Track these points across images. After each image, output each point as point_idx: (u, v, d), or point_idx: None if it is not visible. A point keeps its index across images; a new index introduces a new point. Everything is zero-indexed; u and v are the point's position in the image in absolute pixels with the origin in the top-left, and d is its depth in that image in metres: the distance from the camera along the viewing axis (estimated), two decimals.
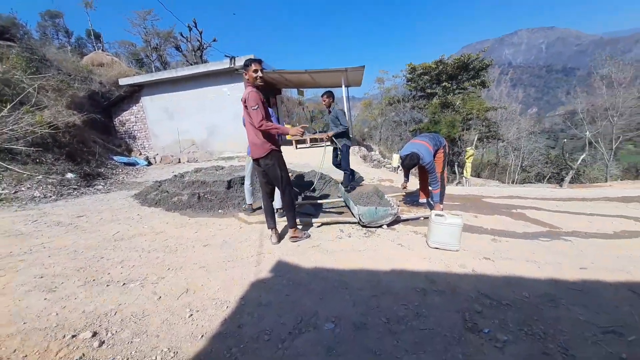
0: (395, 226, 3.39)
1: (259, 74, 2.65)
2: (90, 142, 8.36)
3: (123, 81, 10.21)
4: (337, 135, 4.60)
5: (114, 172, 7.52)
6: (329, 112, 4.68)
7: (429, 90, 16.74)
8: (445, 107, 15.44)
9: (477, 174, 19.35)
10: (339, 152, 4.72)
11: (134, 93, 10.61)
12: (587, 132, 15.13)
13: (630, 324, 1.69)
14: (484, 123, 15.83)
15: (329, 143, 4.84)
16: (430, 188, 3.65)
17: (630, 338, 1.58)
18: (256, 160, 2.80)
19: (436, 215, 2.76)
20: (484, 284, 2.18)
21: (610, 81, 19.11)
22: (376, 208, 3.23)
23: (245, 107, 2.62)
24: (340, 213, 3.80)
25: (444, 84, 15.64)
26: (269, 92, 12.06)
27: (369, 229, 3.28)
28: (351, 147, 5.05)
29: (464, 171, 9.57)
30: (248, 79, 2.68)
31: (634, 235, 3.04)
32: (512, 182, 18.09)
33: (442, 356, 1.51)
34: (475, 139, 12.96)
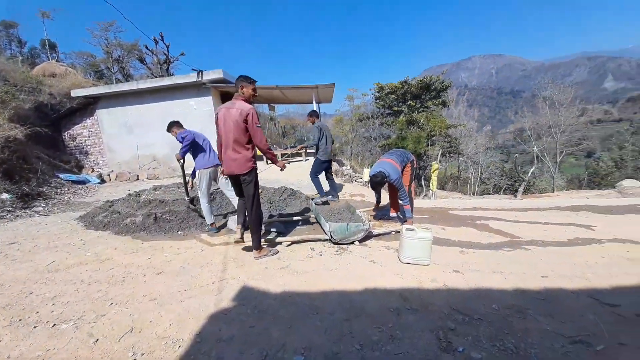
0: (367, 242, 3.32)
1: (256, 93, 2.80)
2: (32, 158, 7.48)
3: (76, 92, 9.42)
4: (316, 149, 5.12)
5: (59, 191, 6.73)
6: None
7: (395, 108, 17.58)
8: (411, 124, 16.25)
9: (441, 186, 20.33)
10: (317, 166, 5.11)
11: (89, 105, 9.80)
12: (535, 147, 16.69)
13: (596, 333, 1.72)
14: (446, 139, 16.87)
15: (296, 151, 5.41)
16: (400, 202, 3.68)
17: (599, 347, 1.60)
18: (235, 176, 2.76)
19: (407, 229, 2.74)
20: (455, 298, 2.15)
21: (552, 102, 21.52)
22: (347, 224, 3.15)
23: (245, 122, 2.59)
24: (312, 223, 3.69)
25: (409, 102, 16.55)
26: None
27: (341, 246, 3.17)
28: (325, 162, 5.20)
29: (430, 184, 9.96)
30: (244, 94, 2.71)
31: (587, 243, 3.25)
32: (473, 194, 19.23)
33: None
34: (439, 154, 13.68)
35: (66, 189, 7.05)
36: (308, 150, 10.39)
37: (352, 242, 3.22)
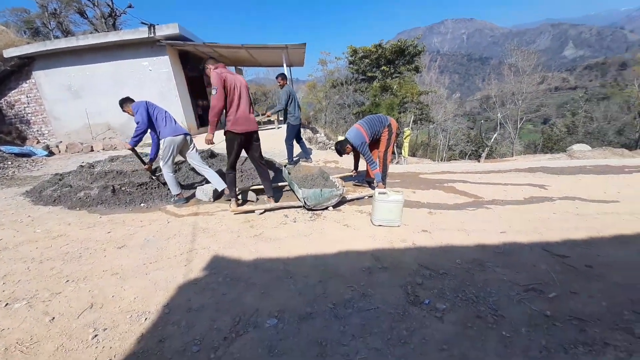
0: (341, 207, 3.34)
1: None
2: None
3: (8, 52, 8.02)
4: (284, 114, 5.12)
5: (1, 165, 5.97)
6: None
7: (369, 74, 17.20)
8: (384, 90, 16.08)
9: (412, 153, 21.00)
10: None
11: (24, 67, 8.45)
12: (499, 114, 17.48)
13: (548, 282, 1.89)
14: (417, 106, 17.03)
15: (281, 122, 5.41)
16: (369, 168, 3.71)
17: (551, 295, 1.76)
18: (249, 135, 3.00)
19: (379, 193, 2.77)
20: (423, 256, 2.25)
21: (517, 69, 22.22)
22: (321, 190, 3.12)
23: (247, 87, 2.97)
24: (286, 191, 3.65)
25: (382, 67, 16.20)
26: (203, 70, 10.87)
27: (315, 212, 3.16)
28: (297, 127, 5.29)
29: (402, 151, 10.18)
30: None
31: (540, 201, 3.53)
32: (441, 160, 20.14)
33: (388, 335, 1.48)
34: (411, 121, 13.86)
35: (9, 162, 6.25)
36: (280, 118, 10.00)
37: (326, 208, 3.22)
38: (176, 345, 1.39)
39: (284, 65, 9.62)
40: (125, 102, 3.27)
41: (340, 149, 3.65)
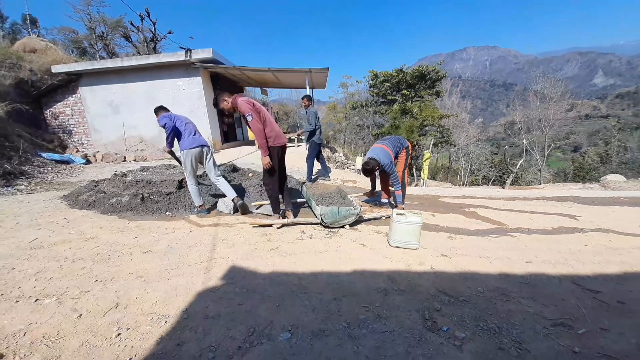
0: (358, 226, 3.33)
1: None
2: (13, 136, 7.15)
3: (57, 68, 8.96)
4: (309, 134, 5.36)
5: (42, 170, 6.50)
6: (306, 112, 5.41)
7: (389, 97, 17.46)
8: (404, 113, 16.21)
9: (432, 176, 20.62)
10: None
11: (71, 83, 9.36)
12: (524, 140, 16.97)
13: (578, 317, 1.77)
14: (438, 129, 16.94)
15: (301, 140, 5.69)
16: (391, 189, 3.69)
17: (580, 331, 1.65)
18: (285, 147, 3.27)
19: (397, 214, 2.75)
20: (442, 281, 2.19)
21: (543, 96, 21.76)
22: (339, 208, 3.14)
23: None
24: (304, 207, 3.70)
25: (403, 91, 16.44)
26: (230, 90, 11.52)
27: (331, 229, 3.18)
28: (320, 145, 5.54)
29: (422, 173, 10.05)
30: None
31: (570, 231, 3.34)
32: (463, 184, 19.59)
33: (403, 359, 1.43)
34: (431, 144, 13.75)
35: (49, 168, 6.81)
36: (302, 137, 10.27)
37: (343, 226, 3.23)
38: (193, 350, 1.42)
39: (307, 87, 10.03)
40: (159, 110, 3.60)
41: (372, 168, 3.53)
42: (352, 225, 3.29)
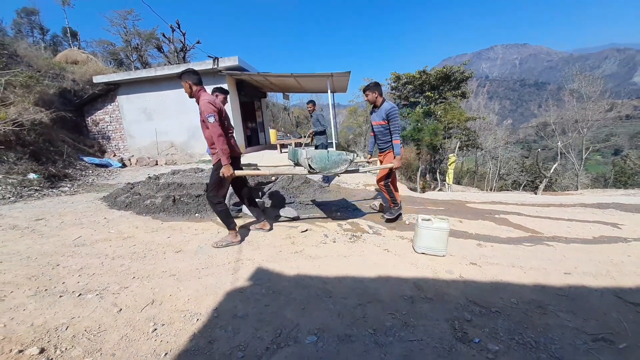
0: (381, 231, 3.29)
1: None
2: (58, 142, 7.81)
3: (97, 79, 9.68)
4: (318, 135, 5.60)
5: (83, 173, 7.03)
6: (311, 116, 5.69)
7: (412, 99, 17.12)
8: (428, 115, 15.82)
9: (457, 181, 19.88)
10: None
11: (110, 92, 10.07)
12: (559, 143, 15.94)
13: (620, 332, 1.65)
14: (464, 132, 16.34)
15: (308, 141, 6.03)
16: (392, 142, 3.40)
17: (621, 346, 1.54)
18: (237, 159, 2.96)
19: (423, 219, 2.69)
20: (472, 290, 2.10)
21: (579, 95, 20.35)
22: (328, 151, 2.81)
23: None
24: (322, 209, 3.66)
25: (427, 93, 16.05)
26: (253, 95, 11.86)
27: (354, 233, 3.16)
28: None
29: (446, 177, 9.74)
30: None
31: (613, 241, 3.10)
32: (491, 189, 18.71)
33: None
34: (457, 147, 13.29)
35: (90, 171, 7.34)
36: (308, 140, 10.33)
37: (337, 175, 3.06)
38: (223, 348, 1.47)
39: (328, 91, 10.08)
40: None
41: (369, 91, 3.35)
42: (347, 172, 2.94)
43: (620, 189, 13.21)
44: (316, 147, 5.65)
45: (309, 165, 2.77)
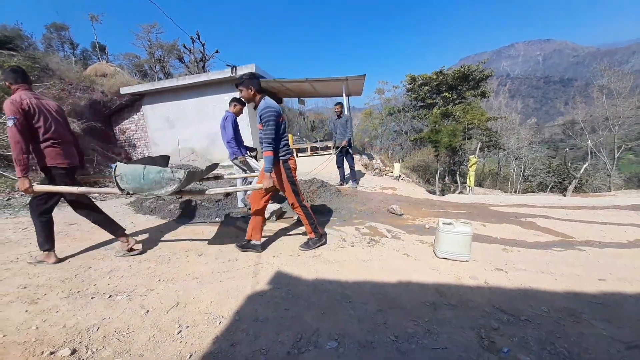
0: (400, 235, 3.24)
1: None
2: (89, 150, 8.29)
3: (124, 90, 10.23)
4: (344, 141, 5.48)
5: (112, 180, 7.40)
6: (338, 117, 5.51)
7: (429, 101, 16.83)
8: (446, 116, 15.47)
9: (478, 183, 19.22)
10: (343, 156, 5.66)
11: (135, 102, 10.61)
12: (589, 141, 15.08)
13: None
14: (485, 132, 15.83)
15: (334, 151, 5.90)
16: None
17: None
18: (74, 169, 2.66)
19: (444, 223, 2.62)
20: (498, 297, 2.02)
21: (609, 91, 19.22)
22: (144, 168, 2.24)
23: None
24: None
25: (444, 94, 15.74)
26: None
27: (373, 238, 3.12)
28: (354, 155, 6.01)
29: (467, 180, 9.45)
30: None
31: None
32: (515, 192, 17.93)
33: None
34: (477, 148, 12.87)
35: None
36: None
37: (159, 197, 2.79)
38: (246, 352, 1.49)
39: (343, 95, 10.10)
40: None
41: (242, 86, 2.59)
42: (179, 193, 2.37)
43: None
44: (340, 154, 5.63)
45: (117, 184, 2.26)
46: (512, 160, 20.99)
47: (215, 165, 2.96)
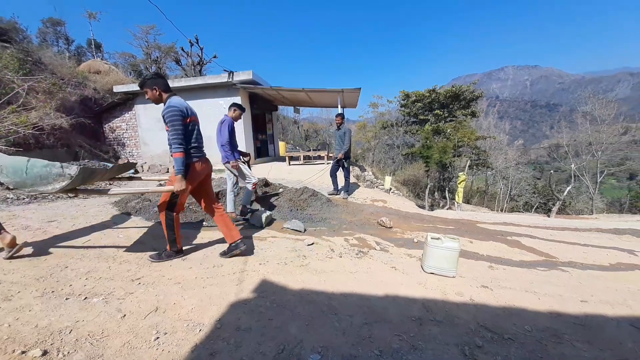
0: (389, 249, 3.23)
1: None
2: (75, 146, 8.08)
3: (118, 88, 10.10)
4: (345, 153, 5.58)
5: None
6: (338, 128, 5.67)
7: (421, 117, 17.24)
8: (437, 133, 15.85)
9: (467, 200, 19.55)
10: (339, 166, 5.73)
11: (128, 101, 10.47)
12: (573, 165, 15.64)
13: None
14: (474, 151, 16.25)
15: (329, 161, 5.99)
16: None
17: None
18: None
19: (432, 238, 2.63)
20: (483, 315, 2.02)
21: (593, 117, 20.12)
22: (28, 160, 2.07)
23: None
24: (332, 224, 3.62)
25: (436, 111, 16.17)
26: (265, 108, 12.12)
27: (361, 249, 3.11)
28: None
29: (456, 196, 9.60)
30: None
31: (630, 268, 2.97)
32: (501, 210, 18.29)
33: None
34: (467, 165, 13.17)
35: None
36: (329, 154, 10.40)
37: (46, 194, 2.68)
38: None
39: (339, 106, 10.23)
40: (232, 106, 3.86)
41: (146, 87, 2.61)
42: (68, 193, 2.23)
43: (637, 214, 12.74)
44: (337, 163, 5.71)
45: None
46: (499, 179, 21.52)
47: (131, 165, 2.84)
